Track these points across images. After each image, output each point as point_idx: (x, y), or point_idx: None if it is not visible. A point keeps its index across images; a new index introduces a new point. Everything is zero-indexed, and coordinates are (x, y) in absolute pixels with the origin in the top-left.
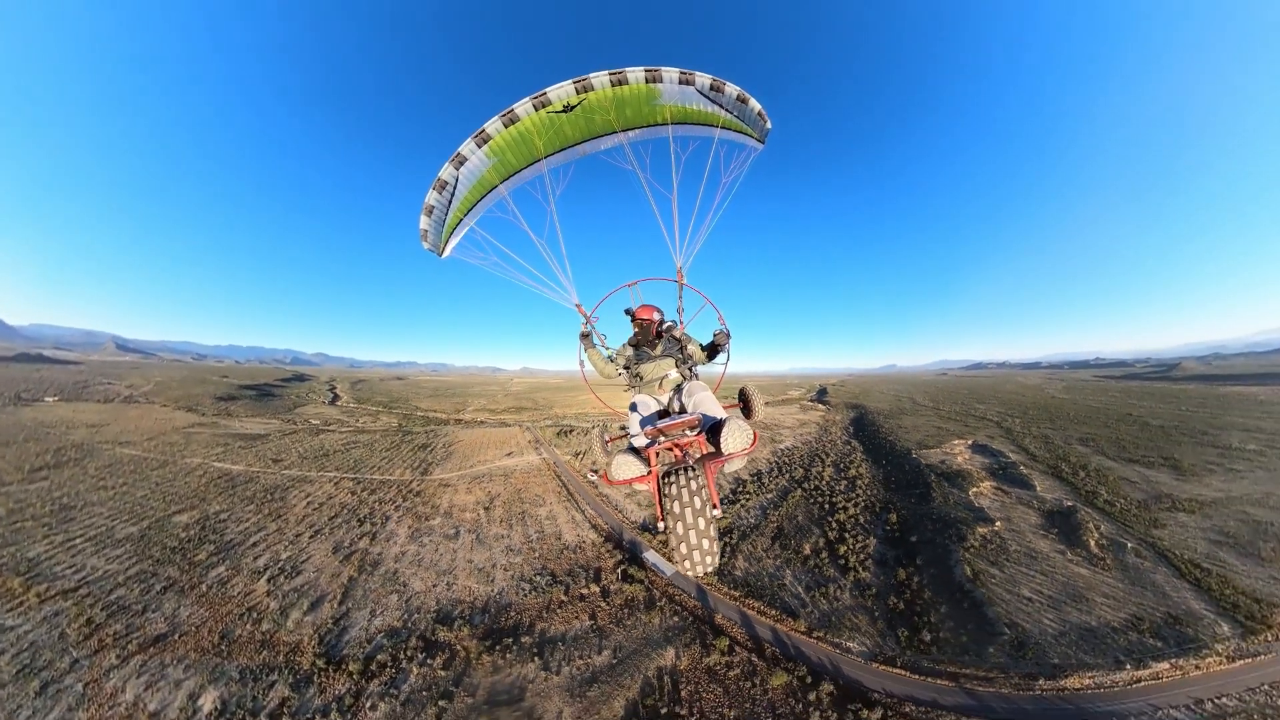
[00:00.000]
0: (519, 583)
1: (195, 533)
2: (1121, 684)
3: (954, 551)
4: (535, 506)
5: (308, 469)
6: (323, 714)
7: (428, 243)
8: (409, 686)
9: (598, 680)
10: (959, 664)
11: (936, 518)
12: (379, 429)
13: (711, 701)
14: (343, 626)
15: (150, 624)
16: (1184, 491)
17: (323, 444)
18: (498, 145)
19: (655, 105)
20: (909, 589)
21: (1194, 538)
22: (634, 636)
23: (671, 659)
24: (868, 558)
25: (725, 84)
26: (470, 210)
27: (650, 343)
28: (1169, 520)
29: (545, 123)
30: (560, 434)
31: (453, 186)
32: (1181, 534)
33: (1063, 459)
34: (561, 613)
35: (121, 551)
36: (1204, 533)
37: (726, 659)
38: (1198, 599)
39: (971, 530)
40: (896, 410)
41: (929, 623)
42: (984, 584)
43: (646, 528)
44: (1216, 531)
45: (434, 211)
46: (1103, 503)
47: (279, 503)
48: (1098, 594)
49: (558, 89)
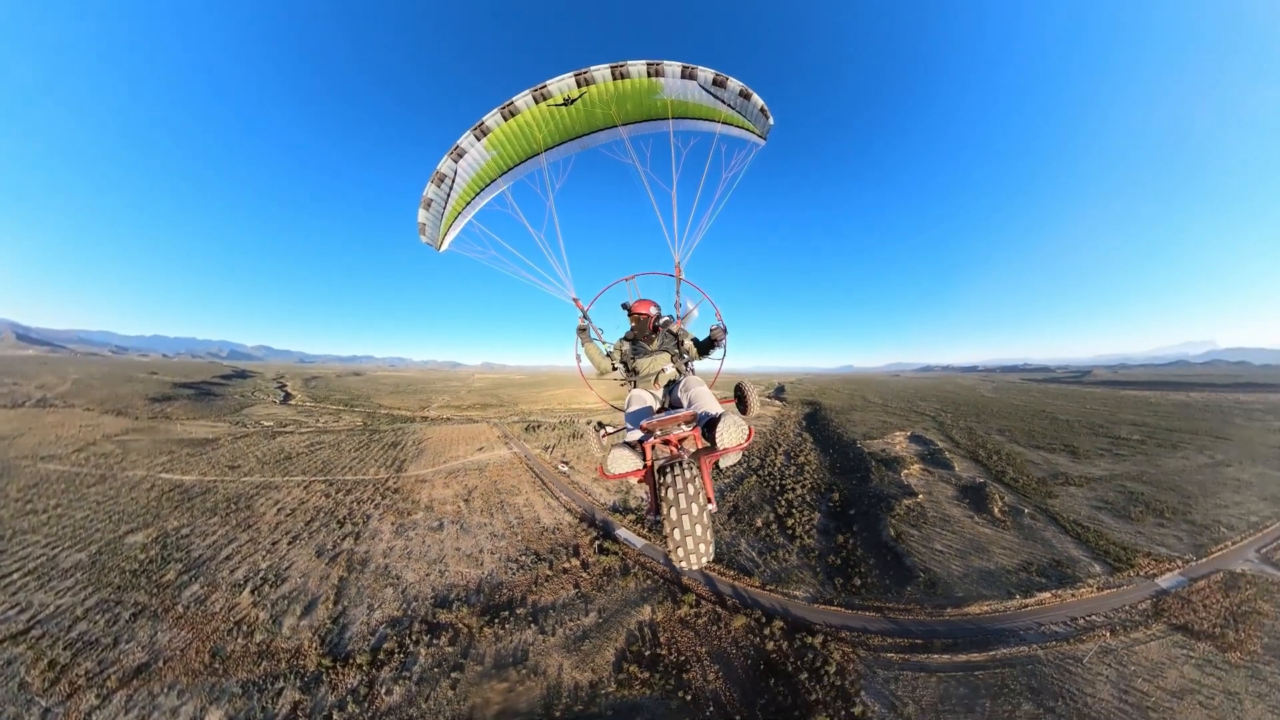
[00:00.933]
0: (506, 563)
1: (156, 552)
2: (1012, 609)
3: (883, 519)
4: (512, 496)
5: (271, 474)
6: (339, 708)
7: (426, 236)
8: (420, 667)
9: (588, 637)
10: (883, 601)
11: (873, 494)
12: (342, 428)
13: (685, 643)
14: (342, 624)
15: (127, 656)
16: (1076, 470)
17: (283, 447)
18: (497, 138)
19: (656, 99)
20: (845, 549)
21: (1079, 505)
22: (614, 599)
23: (648, 614)
24: (812, 528)
25: (728, 79)
26: (469, 204)
27: (647, 337)
28: (1061, 492)
29: (545, 116)
30: (528, 429)
31: (451, 180)
32: (1070, 502)
33: (981, 446)
34: (549, 585)
35: (72, 582)
36: (1088, 501)
37: (694, 610)
38: (1078, 549)
39: (899, 502)
40: (848, 407)
41: (860, 572)
42: (905, 542)
43: (616, 509)
44: (1098, 500)
45: (432, 205)
46: (1009, 479)
47: (246, 512)
48: (997, 547)
49: (558, 82)
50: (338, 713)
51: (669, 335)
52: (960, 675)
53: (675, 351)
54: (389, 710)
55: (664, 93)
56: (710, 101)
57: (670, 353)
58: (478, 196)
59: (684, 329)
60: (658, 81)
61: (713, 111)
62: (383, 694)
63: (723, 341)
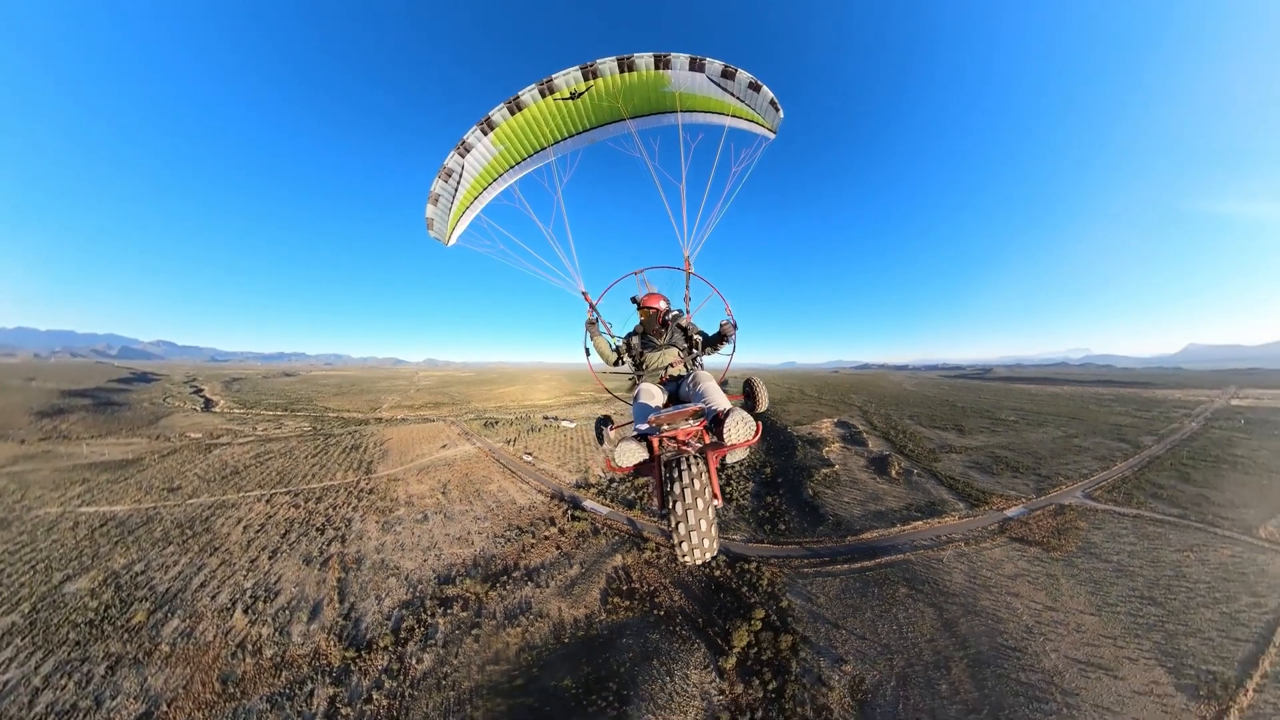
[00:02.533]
0: (494, 539)
1: (110, 596)
2: (894, 533)
3: (804, 484)
4: (486, 484)
5: (222, 492)
6: (376, 687)
7: (433, 231)
8: (442, 634)
9: (576, 584)
10: (801, 538)
11: (797, 467)
12: (289, 435)
13: (652, 577)
14: (355, 619)
15: (120, 711)
16: (960, 443)
17: (225, 461)
18: (504, 133)
19: (664, 92)
20: (773, 507)
21: (957, 466)
22: (591, 553)
23: (620, 560)
24: (748, 494)
25: (737, 70)
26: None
27: (656, 332)
28: (945, 458)
29: (552, 110)
30: (486, 425)
31: (458, 175)
32: (950, 464)
33: (893, 428)
34: (535, 551)
35: (13, 651)
36: (963, 463)
37: (655, 554)
38: (949, 494)
39: (818, 471)
40: (786, 400)
41: (784, 521)
42: (820, 498)
43: (580, 486)
44: (971, 462)
45: (440, 200)
46: (908, 451)
47: (207, 535)
48: (890, 497)
49: (564, 75)
50: (376, 692)
51: (678, 330)
52: (855, 575)
53: (684, 346)
54: (424, 675)
55: (672, 85)
56: (719, 94)
57: (679, 347)
58: (485, 191)
59: (693, 323)
60: (665, 74)
61: (721, 104)
62: (414, 664)
63: (732, 336)
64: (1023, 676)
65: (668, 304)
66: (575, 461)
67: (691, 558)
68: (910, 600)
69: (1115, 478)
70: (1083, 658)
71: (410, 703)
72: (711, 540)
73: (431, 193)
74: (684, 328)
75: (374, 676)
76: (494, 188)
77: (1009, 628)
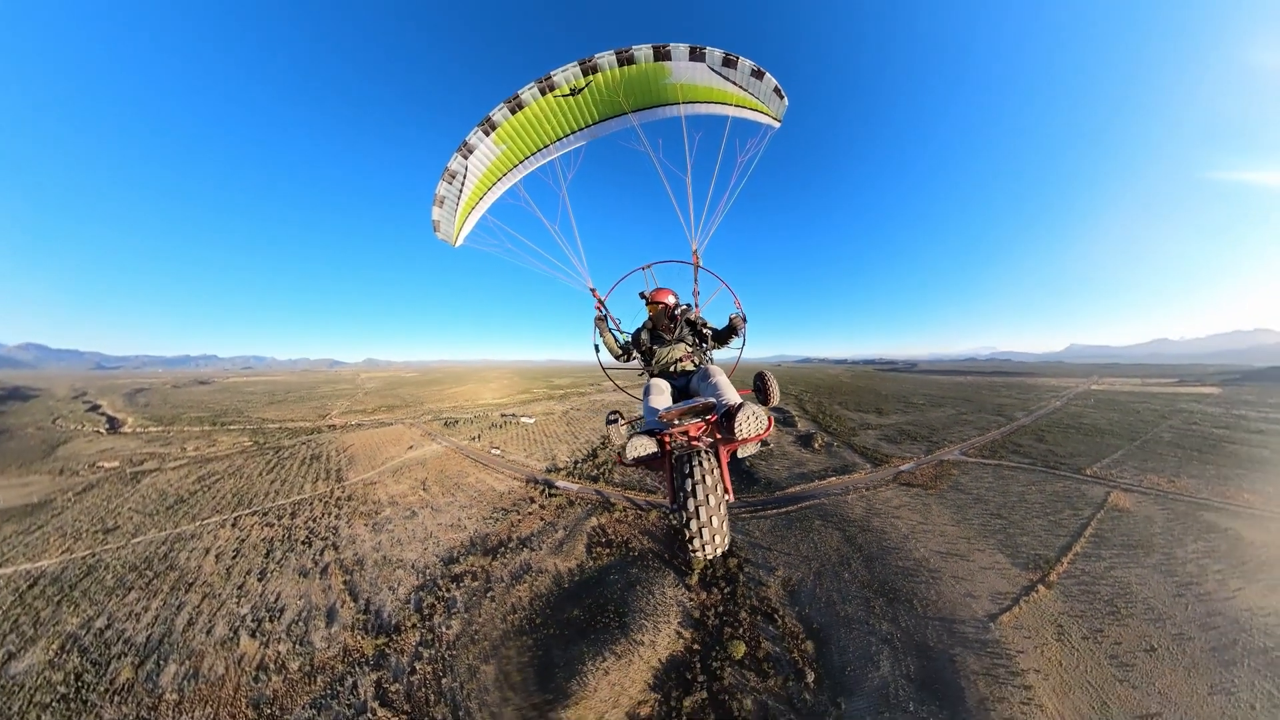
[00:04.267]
0: (485, 521)
1: (77, 663)
2: (813, 487)
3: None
4: (463, 478)
5: (172, 524)
6: (416, 659)
7: (440, 233)
8: (461, 603)
9: (563, 544)
10: (738, 495)
11: None
12: (229, 453)
13: (624, 530)
14: (375, 611)
15: None
16: (877, 421)
17: (162, 490)
18: (505, 133)
19: (665, 84)
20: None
21: (871, 439)
22: (571, 519)
23: (596, 521)
24: None
25: (739, 58)
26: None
27: (665, 326)
28: (862, 433)
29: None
30: (446, 425)
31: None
32: (865, 438)
33: (822, 412)
34: (523, 524)
35: None
36: (876, 437)
37: (624, 513)
38: (860, 459)
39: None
40: None
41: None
42: (755, 467)
43: (550, 470)
44: (882, 435)
45: (445, 202)
46: (832, 429)
47: (174, 573)
48: (812, 463)
49: (562, 72)
50: (418, 663)
51: (687, 324)
52: (782, 516)
53: (694, 340)
54: (457, 637)
55: (672, 77)
56: (721, 83)
57: (688, 342)
58: (490, 191)
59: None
60: (665, 65)
61: (724, 94)
62: (445, 631)
63: (742, 330)
64: (900, 564)
65: (676, 298)
66: (541, 452)
67: (703, 552)
68: (823, 528)
69: (988, 440)
70: (944, 550)
71: (452, 661)
72: (724, 536)
73: (436, 195)
74: (693, 322)
75: (411, 652)
76: (498, 187)
77: (892, 537)
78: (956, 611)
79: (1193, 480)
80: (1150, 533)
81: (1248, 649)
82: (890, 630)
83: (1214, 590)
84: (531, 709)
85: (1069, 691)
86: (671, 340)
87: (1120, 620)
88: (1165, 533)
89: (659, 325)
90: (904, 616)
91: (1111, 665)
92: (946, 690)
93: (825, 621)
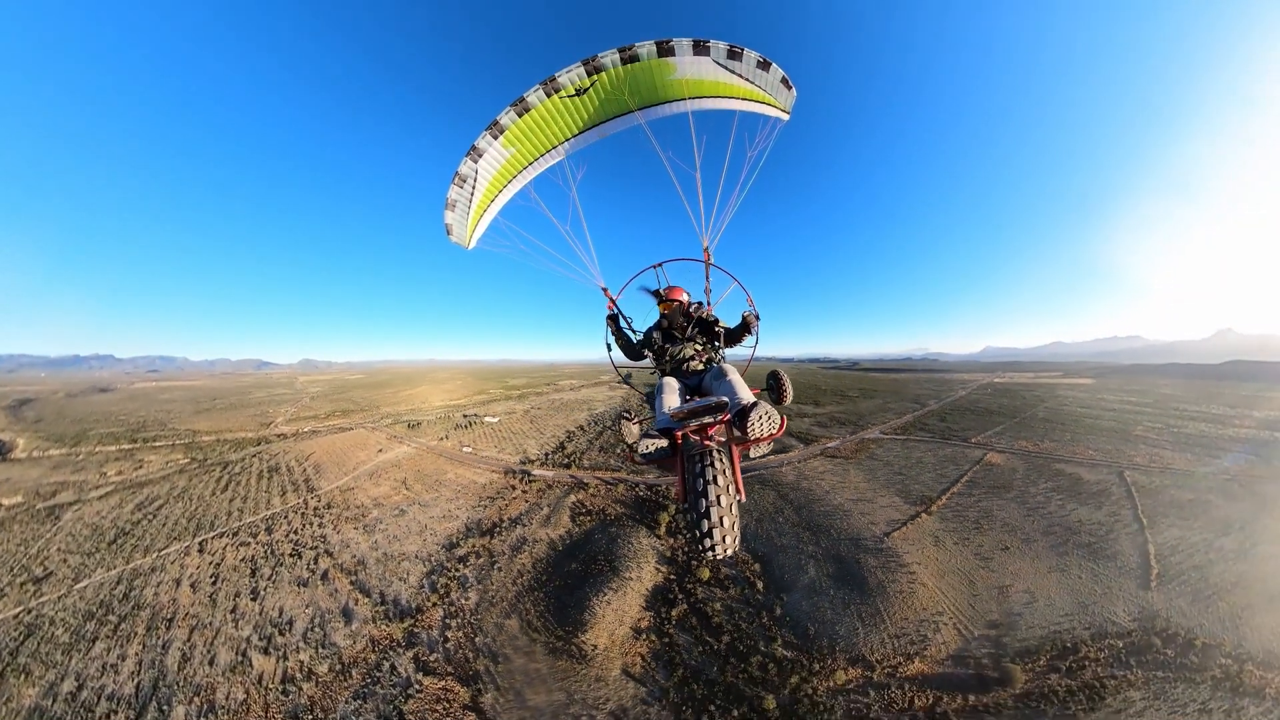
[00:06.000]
0: (474, 510)
1: None
2: (753, 463)
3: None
4: (442, 475)
5: (122, 561)
6: (445, 629)
7: (453, 236)
8: (473, 578)
9: (550, 518)
10: None
11: None
12: (163, 474)
13: (599, 502)
14: (392, 601)
15: None
16: (813, 411)
17: (92, 524)
18: (513, 135)
19: (671, 80)
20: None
21: (806, 425)
22: (552, 499)
23: (574, 498)
24: None
25: (744, 50)
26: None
27: (679, 325)
28: (798, 420)
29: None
30: (411, 428)
31: (473, 180)
32: (801, 424)
33: None
34: (510, 507)
35: None
36: (810, 423)
37: (596, 490)
38: (797, 442)
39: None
40: None
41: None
42: None
43: (525, 461)
44: (816, 422)
45: (456, 206)
46: None
47: (145, 612)
48: None
49: (567, 73)
50: (449, 631)
51: (700, 322)
52: None
53: (706, 338)
54: (477, 604)
55: (677, 73)
56: (727, 77)
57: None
58: (500, 193)
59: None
60: (669, 61)
61: (730, 88)
62: (464, 602)
63: (755, 328)
64: (822, 509)
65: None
66: (512, 447)
67: (713, 553)
68: (761, 490)
69: (903, 422)
70: (855, 498)
71: (479, 622)
72: (734, 536)
73: (448, 199)
74: (705, 320)
75: (439, 625)
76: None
77: (816, 492)
78: (861, 534)
79: (1052, 443)
80: (1012, 478)
81: (1076, 544)
82: (814, 550)
83: (1055, 511)
84: (557, 640)
85: (944, 575)
86: (683, 339)
87: (982, 532)
88: (1024, 478)
89: (671, 324)
90: (824, 541)
91: (975, 558)
92: (854, 580)
93: (767, 550)
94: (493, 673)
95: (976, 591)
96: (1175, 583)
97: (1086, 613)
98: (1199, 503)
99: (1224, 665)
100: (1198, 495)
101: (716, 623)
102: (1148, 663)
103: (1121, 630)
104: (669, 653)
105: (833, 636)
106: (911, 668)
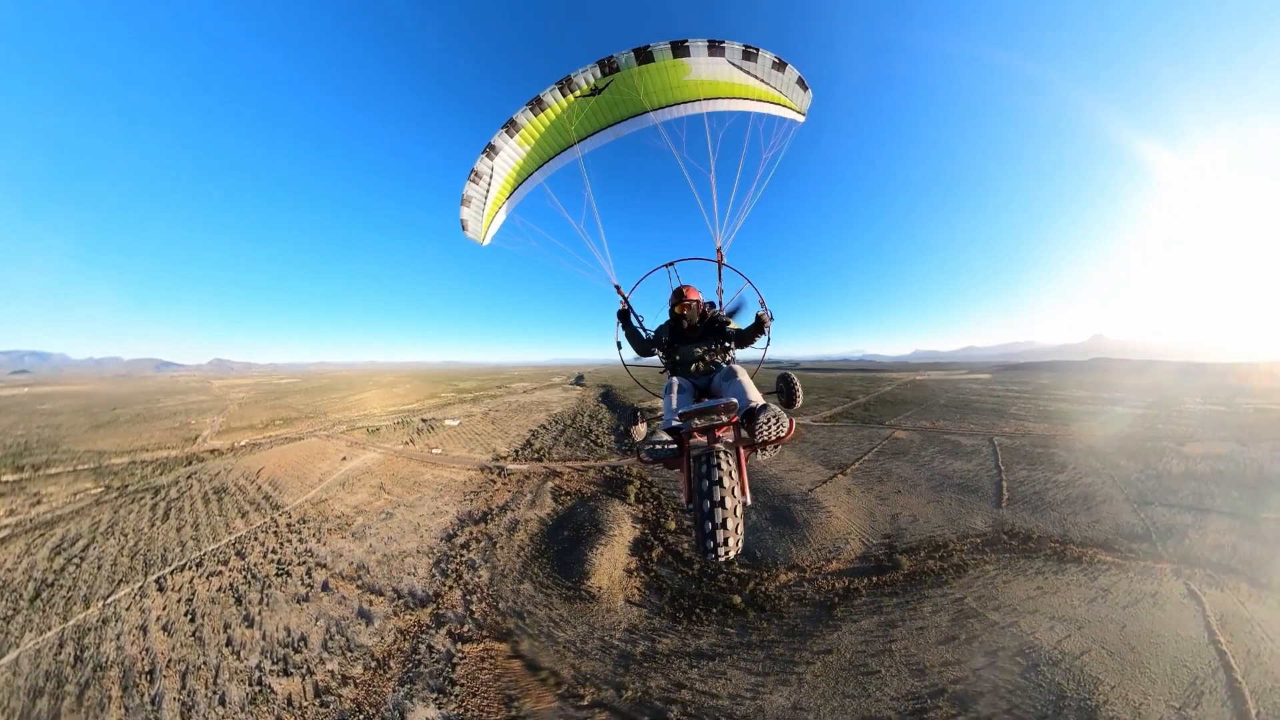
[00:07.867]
0: (462, 504)
1: None
2: None
3: None
4: (419, 476)
5: (57, 617)
6: (468, 604)
7: (469, 232)
8: (479, 559)
9: (534, 502)
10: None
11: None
12: (74, 507)
13: (577, 484)
14: (407, 594)
15: None
16: None
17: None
18: (528, 133)
19: (685, 81)
20: (626, 440)
21: None
22: (532, 486)
23: (552, 484)
24: (609, 440)
25: (759, 50)
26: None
27: (691, 324)
28: None
29: (574, 107)
30: (370, 433)
31: (488, 177)
32: None
33: None
34: (496, 497)
35: None
36: None
37: (570, 476)
38: None
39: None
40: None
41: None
42: None
43: (498, 458)
44: None
45: (472, 202)
46: None
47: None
48: None
49: (582, 73)
50: (473, 604)
51: (711, 322)
52: None
53: (717, 339)
54: (490, 579)
55: (693, 73)
56: (741, 77)
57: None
58: (516, 191)
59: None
60: (684, 62)
61: (745, 89)
62: (478, 580)
63: (767, 329)
64: (760, 479)
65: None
66: (480, 447)
67: (716, 555)
68: None
69: (833, 413)
70: (788, 469)
71: (498, 589)
72: (738, 539)
73: (464, 196)
74: (717, 320)
75: (461, 602)
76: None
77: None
78: (790, 491)
79: (946, 422)
80: (910, 447)
81: (950, 485)
82: (755, 504)
83: (938, 466)
84: (569, 588)
85: (852, 511)
86: (694, 338)
87: (882, 483)
88: (919, 447)
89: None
90: (762, 498)
91: (875, 500)
92: (787, 520)
93: None
94: (523, 626)
95: (875, 519)
96: (1020, 503)
97: (954, 525)
98: (1046, 454)
99: (1054, 547)
100: (1046, 450)
101: (687, 557)
102: (999, 549)
103: (980, 533)
104: (656, 582)
105: (774, 556)
106: (831, 566)
